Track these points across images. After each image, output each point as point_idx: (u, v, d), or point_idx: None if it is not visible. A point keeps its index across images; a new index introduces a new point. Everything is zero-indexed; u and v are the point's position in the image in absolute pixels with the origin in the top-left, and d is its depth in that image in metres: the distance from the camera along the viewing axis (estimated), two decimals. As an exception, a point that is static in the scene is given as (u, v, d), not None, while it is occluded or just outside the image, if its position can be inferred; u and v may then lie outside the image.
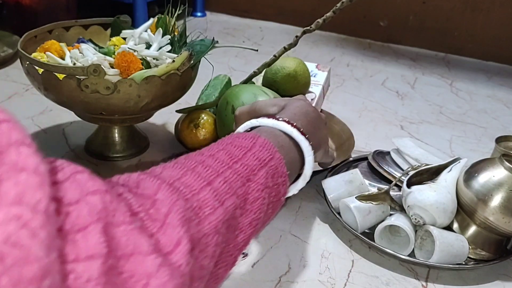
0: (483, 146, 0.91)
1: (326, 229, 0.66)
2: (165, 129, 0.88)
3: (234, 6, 1.65)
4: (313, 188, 0.73)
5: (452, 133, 0.96)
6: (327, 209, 0.68)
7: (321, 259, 0.60)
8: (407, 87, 1.17)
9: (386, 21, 1.47)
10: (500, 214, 0.57)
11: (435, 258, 0.57)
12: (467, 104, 1.10)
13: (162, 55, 0.70)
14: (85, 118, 0.73)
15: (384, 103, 1.07)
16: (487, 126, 1.00)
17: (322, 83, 0.98)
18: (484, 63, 1.37)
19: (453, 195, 0.60)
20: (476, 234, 0.61)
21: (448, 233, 0.59)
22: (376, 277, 0.58)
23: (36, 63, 0.64)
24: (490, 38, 1.37)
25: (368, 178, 0.70)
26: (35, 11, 1.20)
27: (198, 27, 1.46)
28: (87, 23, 0.81)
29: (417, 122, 0.99)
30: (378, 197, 0.62)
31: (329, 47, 1.42)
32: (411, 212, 0.60)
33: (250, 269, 0.58)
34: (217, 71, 0.85)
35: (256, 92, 0.71)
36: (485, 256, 0.61)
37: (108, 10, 1.32)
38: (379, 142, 0.88)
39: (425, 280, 0.58)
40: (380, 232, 0.60)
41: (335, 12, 0.70)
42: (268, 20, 1.61)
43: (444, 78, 1.24)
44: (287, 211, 0.69)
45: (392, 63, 1.32)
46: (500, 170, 0.58)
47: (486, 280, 0.59)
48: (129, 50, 0.69)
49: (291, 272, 0.58)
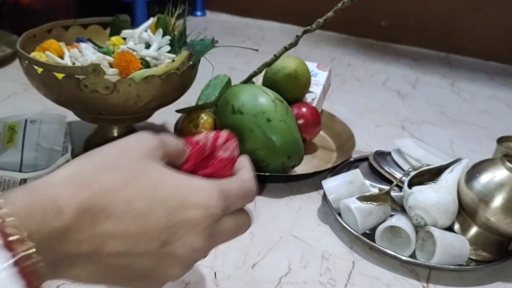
0: (485, 146, 0.91)
1: (327, 230, 0.66)
2: (165, 129, 0.88)
3: (234, 6, 1.65)
4: (314, 189, 0.73)
5: (453, 134, 0.95)
6: (328, 210, 0.67)
7: (321, 260, 0.60)
8: (408, 87, 1.17)
9: (387, 21, 1.47)
10: (502, 214, 0.57)
11: (436, 259, 0.57)
12: (468, 104, 1.10)
13: (161, 55, 0.70)
14: (85, 118, 0.72)
15: (385, 103, 1.06)
16: (488, 127, 1.00)
17: (322, 83, 0.97)
18: (486, 63, 1.37)
19: (454, 195, 0.60)
20: (477, 235, 0.60)
21: (449, 234, 0.58)
22: (377, 278, 0.58)
23: (35, 63, 0.64)
24: (491, 38, 1.36)
25: (369, 179, 0.70)
26: (34, 10, 1.20)
27: (198, 27, 1.45)
28: (87, 23, 0.80)
29: (418, 123, 0.99)
30: (379, 197, 0.62)
31: (330, 46, 1.42)
32: (412, 213, 0.59)
33: (250, 270, 0.58)
34: (217, 71, 0.84)
35: (256, 92, 0.71)
36: (486, 257, 0.60)
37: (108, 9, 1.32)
38: (380, 143, 0.87)
39: (426, 281, 0.58)
40: (381, 233, 0.60)
41: (336, 11, 0.69)
42: (269, 19, 1.61)
43: (445, 78, 1.24)
44: (287, 212, 0.68)
45: (393, 63, 1.32)
46: (502, 171, 0.58)
47: (487, 281, 0.59)
48: (129, 50, 0.69)
49: (291, 273, 0.57)
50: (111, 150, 0.31)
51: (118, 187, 0.28)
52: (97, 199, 0.28)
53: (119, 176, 0.29)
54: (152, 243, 0.29)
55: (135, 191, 0.29)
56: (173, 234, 0.30)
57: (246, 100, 0.69)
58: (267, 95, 0.70)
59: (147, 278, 0.31)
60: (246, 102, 0.69)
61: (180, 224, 0.30)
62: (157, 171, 0.31)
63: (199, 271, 0.57)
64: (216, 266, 0.58)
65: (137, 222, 0.28)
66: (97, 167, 0.29)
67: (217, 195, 0.31)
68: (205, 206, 0.30)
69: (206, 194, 0.31)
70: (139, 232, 0.29)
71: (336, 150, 0.83)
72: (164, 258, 0.30)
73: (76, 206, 0.27)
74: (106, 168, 0.29)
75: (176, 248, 0.30)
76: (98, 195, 0.28)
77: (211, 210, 0.31)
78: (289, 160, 0.70)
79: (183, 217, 0.30)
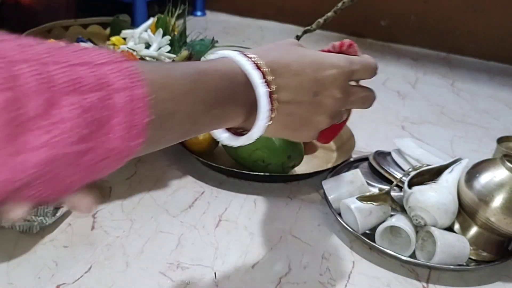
0: (485, 146, 0.91)
1: (327, 230, 0.66)
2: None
3: (234, 6, 1.65)
4: (314, 189, 0.73)
5: (453, 134, 0.95)
6: (328, 210, 0.67)
7: (321, 260, 0.60)
8: (408, 87, 1.17)
9: (387, 20, 1.47)
10: (502, 214, 0.57)
11: (436, 259, 0.57)
12: (468, 104, 1.10)
13: (162, 55, 0.70)
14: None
15: (385, 103, 1.06)
16: (488, 127, 1.00)
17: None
18: (486, 63, 1.37)
19: (454, 195, 0.60)
20: (477, 235, 0.60)
21: (449, 234, 0.58)
22: (377, 278, 0.58)
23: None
24: (491, 38, 1.36)
25: (369, 179, 0.70)
26: (34, 10, 1.20)
27: (198, 27, 1.46)
28: (87, 23, 0.81)
29: (418, 122, 0.99)
30: (379, 197, 0.62)
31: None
32: (412, 213, 0.59)
33: (250, 270, 0.58)
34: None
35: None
36: (486, 257, 0.60)
37: (108, 9, 1.32)
38: (380, 143, 0.87)
39: (426, 281, 0.58)
40: (381, 233, 0.60)
41: (336, 11, 0.70)
42: (269, 19, 1.61)
43: (446, 78, 1.24)
44: (287, 212, 0.68)
45: (393, 63, 1.32)
46: (502, 171, 0.58)
47: (487, 281, 0.59)
48: (129, 50, 0.69)
49: (291, 273, 0.58)
50: (268, 45, 0.44)
51: (279, 58, 0.41)
52: (270, 65, 0.39)
53: (279, 53, 0.42)
54: (307, 93, 0.41)
55: (291, 59, 0.41)
56: (320, 86, 0.41)
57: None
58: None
59: (306, 125, 0.43)
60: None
61: (323, 79, 0.41)
62: (301, 49, 0.43)
63: (199, 271, 0.57)
64: (216, 266, 0.58)
65: (296, 78, 0.40)
66: (264, 49, 0.42)
67: (345, 59, 0.43)
68: (338, 65, 0.42)
69: (337, 57, 0.43)
70: (298, 85, 0.40)
71: (336, 150, 0.83)
72: (316, 107, 0.42)
73: (266, 64, 0.39)
74: (269, 49, 0.42)
75: (323, 98, 0.42)
76: (270, 62, 0.39)
77: (342, 69, 0.42)
78: (289, 160, 0.70)
79: (325, 73, 0.41)
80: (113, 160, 0.29)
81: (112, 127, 0.28)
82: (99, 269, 0.56)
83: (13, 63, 0.24)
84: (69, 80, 0.26)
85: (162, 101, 0.32)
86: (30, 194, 0.26)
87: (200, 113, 0.36)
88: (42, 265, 0.56)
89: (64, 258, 0.57)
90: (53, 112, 0.25)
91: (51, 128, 0.25)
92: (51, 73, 0.26)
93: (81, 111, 0.26)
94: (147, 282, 0.55)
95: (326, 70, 0.42)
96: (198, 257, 0.59)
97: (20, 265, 0.55)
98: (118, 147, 0.29)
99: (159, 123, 0.31)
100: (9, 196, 0.26)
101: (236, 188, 0.72)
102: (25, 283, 0.53)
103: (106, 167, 0.30)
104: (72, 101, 0.26)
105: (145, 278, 0.55)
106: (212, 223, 0.65)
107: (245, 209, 0.68)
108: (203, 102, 0.35)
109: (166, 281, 0.55)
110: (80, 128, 0.26)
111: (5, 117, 0.23)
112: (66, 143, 0.26)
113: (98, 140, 0.27)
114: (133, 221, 0.64)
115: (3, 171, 0.24)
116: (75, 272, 0.55)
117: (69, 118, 0.26)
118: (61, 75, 0.26)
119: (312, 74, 0.41)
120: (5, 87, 0.23)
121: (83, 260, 0.57)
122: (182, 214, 0.66)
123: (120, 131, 0.28)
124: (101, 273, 0.55)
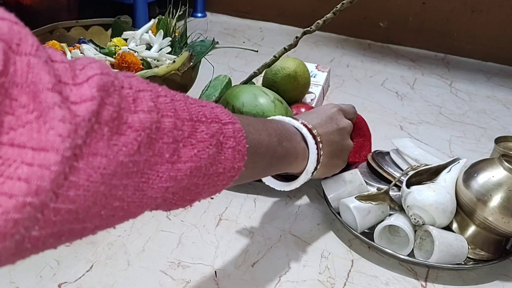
0: (483, 146, 0.92)
1: (326, 229, 0.66)
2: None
3: (234, 7, 1.65)
4: (313, 188, 0.74)
5: (451, 134, 0.96)
6: (327, 209, 0.68)
7: (320, 259, 0.61)
8: (407, 87, 1.17)
9: (386, 22, 1.47)
10: (499, 214, 0.57)
11: (435, 258, 0.57)
12: (466, 104, 1.11)
13: (162, 56, 0.71)
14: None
15: (383, 103, 1.07)
16: (486, 127, 1.00)
17: (322, 84, 0.98)
18: (484, 64, 1.37)
19: (453, 195, 0.60)
20: (475, 234, 0.61)
21: (448, 233, 0.59)
22: (375, 277, 0.58)
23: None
24: (489, 39, 1.37)
25: (367, 178, 0.70)
26: (36, 11, 1.20)
27: (198, 28, 1.46)
28: (88, 24, 0.81)
29: (417, 123, 0.99)
30: (378, 197, 0.62)
31: (329, 48, 1.42)
32: (411, 212, 0.60)
33: (250, 268, 0.58)
34: (217, 72, 0.85)
35: (256, 93, 0.71)
36: (484, 256, 0.61)
37: (109, 10, 1.33)
38: (379, 142, 0.88)
39: (425, 280, 0.59)
40: (379, 232, 0.61)
41: (335, 13, 0.70)
42: (268, 21, 1.62)
43: (444, 78, 1.25)
44: (287, 211, 0.69)
45: (391, 64, 1.32)
46: (499, 171, 0.59)
47: (485, 280, 0.59)
48: (130, 51, 0.69)
49: (290, 272, 0.58)
50: (312, 110, 0.61)
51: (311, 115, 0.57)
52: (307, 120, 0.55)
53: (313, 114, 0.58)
54: (332, 124, 0.57)
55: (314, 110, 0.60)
56: (334, 117, 0.58)
57: (246, 100, 0.70)
58: (267, 96, 0.71)
59: (343, 151, 0.60)
60: (246, 103, 0.70)
61: (332, 115, 0.59)
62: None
63: (199, 270, 0.57)
64: (216, 265, 0.58)
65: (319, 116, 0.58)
66: (306, 114, 0.59)
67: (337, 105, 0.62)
68: (335, 106, 0.61)
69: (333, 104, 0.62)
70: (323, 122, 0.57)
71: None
72: (340, 132, 0.58)
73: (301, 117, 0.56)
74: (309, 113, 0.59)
75: (339, 122, 0.59)
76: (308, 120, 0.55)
77: (338, 107, 0.61)
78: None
79: (332, 111, 0.59)
80: (226, 177, 0.38)
81: (226, 150, 0.38)
82: (100, 268, 0.56)
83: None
84: (200, 113, 0.36)
85: (251, 132, 0.42)
86: (175, 199, 0.35)
87: (276, 144, 0.46)
88: (44, 264, 0.56)
89: (66, 257, 0.58)
90: (197, 134, 0.35)
91: (195, 144, 0.34)
92: (190, 109, 0.36)
93: (210, 135, 0.36)
94: (148, 280, 0.55)
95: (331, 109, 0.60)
96: (199, 256, 0.59)
97: (22, 264, 0.56)
98: (229, 166, 0.38)
99: (252, 150, 0.42)
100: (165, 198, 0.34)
101: (236, 187, 0.72)
102: (27, 282, 0.54)
103: (220, 183, 0.38)
104: (203, 128, 0.35)
105: (146, 277, 0.56)
106: (213, 222, 0.65)
107: (245, 208, 0.69)
108: (275, 135, 0.47)
109: (167, 279, 0.56)
110: (211, 147, 0.36)
111: (173, 134, 0.33)
112: (203, 157, 0.35)
113: (218, 159, 0.37)
114: (134, 220, 0.64)
115: (164, 177, 0.32)
116: (77, 271, 0.56)
117: (204, 140, 0.35)
118: (195, 110, 0.36)
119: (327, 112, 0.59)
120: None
121: (85, 259, 0.58)
122: (183, 213, 0.67)
123: (230, 154, 0.38)
124: (103, 272, 0.56)
